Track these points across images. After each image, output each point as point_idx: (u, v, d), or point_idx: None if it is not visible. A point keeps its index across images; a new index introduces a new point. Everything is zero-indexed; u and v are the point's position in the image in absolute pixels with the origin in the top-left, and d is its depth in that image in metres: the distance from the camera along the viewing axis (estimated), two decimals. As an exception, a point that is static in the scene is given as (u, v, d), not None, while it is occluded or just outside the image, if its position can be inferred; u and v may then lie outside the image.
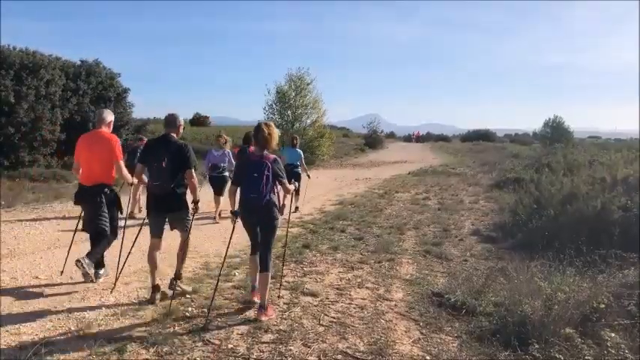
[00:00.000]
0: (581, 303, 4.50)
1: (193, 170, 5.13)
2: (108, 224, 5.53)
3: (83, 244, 7.41)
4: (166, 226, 5.29)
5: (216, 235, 8.39)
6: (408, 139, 72.55)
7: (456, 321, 4.80)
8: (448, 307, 5.09)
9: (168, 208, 5.14)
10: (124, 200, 6.12)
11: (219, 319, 4.64)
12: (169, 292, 5.15)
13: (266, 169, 4.66)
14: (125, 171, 5.60)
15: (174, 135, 5.18)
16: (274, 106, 26.92)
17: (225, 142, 9.90)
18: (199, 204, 5.14)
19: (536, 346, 4.00)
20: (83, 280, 5.51)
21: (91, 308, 4.85)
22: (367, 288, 5.77)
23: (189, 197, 5.18)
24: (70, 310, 4.77)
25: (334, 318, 4.81)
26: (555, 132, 43.86)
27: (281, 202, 5.00)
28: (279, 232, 5.21)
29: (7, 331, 4.25)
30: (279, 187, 4.92)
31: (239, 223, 4.82)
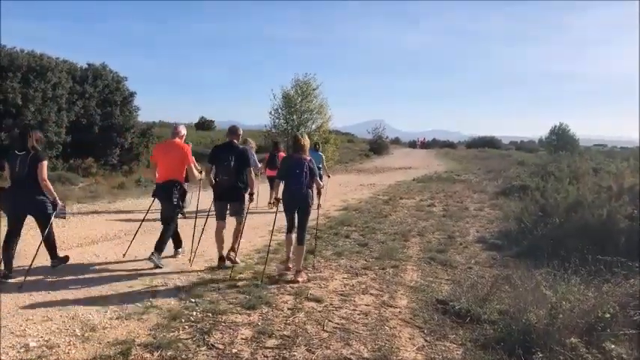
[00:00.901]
0: (586, 312, 4.49)
1: (252, 168, 6.73)
2: (177, 212, 6.75)
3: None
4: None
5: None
6: (412, 145, 72.51)
7: (460, 328, 4.80)
8: (453, 315, 5.08)
9: (229, 198, 6.61)
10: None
11: (223, 324, 4.66)
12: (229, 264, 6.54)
13: (305, 167, 6.16)
14: (195, 172, 6.86)
15: (236, 141, 6.68)
16: (280, 110, 27.00)
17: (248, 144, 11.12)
18: (254, 196, 6.86)
19: (541, 355, 3.99)
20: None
21: (97, 311, 4.88)
22: (371, 294, 5.77)
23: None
24: (75, 312, 4.80)
25: (338, 324, 4.81)
26: (561, 140, 43.76)
27: (314, 200, 6.40)
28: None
29: (12, 332, 4.28)
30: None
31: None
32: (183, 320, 4.70)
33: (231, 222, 6.75)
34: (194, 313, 4.90)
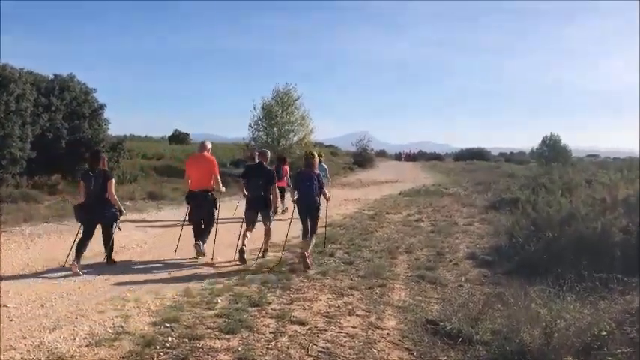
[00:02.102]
0: (582, 330, 4.53)
1: (275, 185, 8.68)
2: (214, 215, 8.50)
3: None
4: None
5: (197, 260, 8.34)
6: (398, 157, 73.01)
7: (451, 350, 4.80)
8: (443, 336, 5.09)
9: (259, 208, 8.48)
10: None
11: (201, 349, 4.61)
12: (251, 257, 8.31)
13: (314, 180, 8.06)
14: (220, 181, 8.53)
15: (265, 162, 8.62)
16: (260, 122, 26.99)
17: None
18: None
19: (536, 376, 4.01)
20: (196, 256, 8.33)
21: (65, 338, 4.79)
22: (358, 315, 5.77)
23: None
24: (41, 340, 4.71)
25: (323, 348, 4.79)
26: (552, 151, 44.33)
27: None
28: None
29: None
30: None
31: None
32: (157, 347, 4.64)
33: (260, 228, 8.63)
34: (169, 338, 4.84)
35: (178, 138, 50.17)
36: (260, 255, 8.50)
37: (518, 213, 11.08)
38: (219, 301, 6.09)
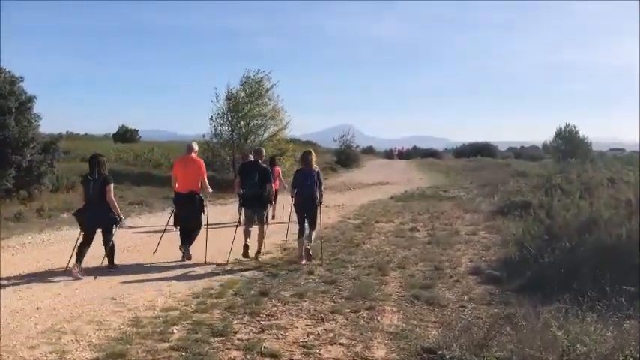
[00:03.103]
0: (604, 357, 4.57)
1: (272, 183, 10.35)
2: (201, 218, 9.90)
3: None
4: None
5: (148, 281, 8.28)
6: (389, 155, 73.30)
7: (452, 383, 4.82)
8: (443, 366, 5.11)
9: (256, 206, 9.98)
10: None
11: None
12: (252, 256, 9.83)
13: (314, 178, 9.70)
14: (207, 183, 10.09)
15: (260, 160, 10.29)
16: (224, 115, 26.76)
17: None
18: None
19: (552, 412, 4.04)
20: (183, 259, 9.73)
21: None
22: (341, 344, 5.77)
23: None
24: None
25: (300, 384, 4.79)
26: (569, 144, 44.77)
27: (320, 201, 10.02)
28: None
29: None
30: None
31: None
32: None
33: (255, 228, 10.06)
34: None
35: (125, 135, 49.64)
36: (254, 257, 9.83)
37: (530, 219, 11.19)
38: (174, 331, 6.05)
